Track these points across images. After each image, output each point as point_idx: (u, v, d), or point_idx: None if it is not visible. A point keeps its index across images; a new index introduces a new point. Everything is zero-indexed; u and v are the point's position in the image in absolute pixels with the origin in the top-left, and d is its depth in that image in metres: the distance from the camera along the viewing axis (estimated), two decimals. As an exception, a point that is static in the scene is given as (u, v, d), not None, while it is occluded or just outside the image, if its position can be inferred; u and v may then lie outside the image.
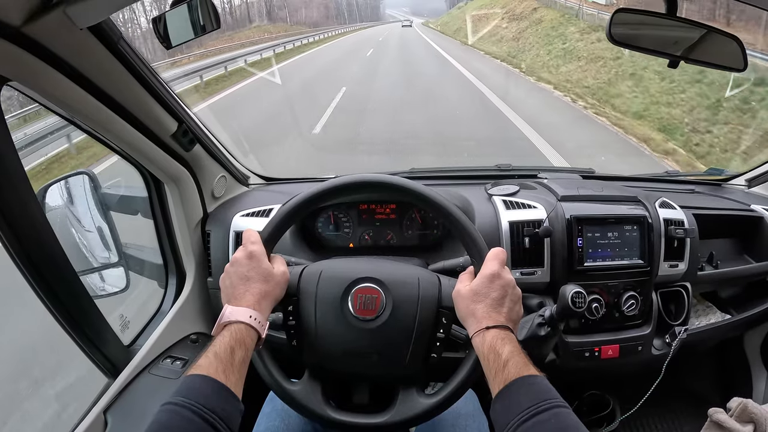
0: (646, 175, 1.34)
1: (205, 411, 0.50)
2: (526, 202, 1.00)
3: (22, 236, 0.65)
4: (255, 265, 0.65)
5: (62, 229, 1.00)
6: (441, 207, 0.71)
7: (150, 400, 0.85)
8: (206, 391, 0.52)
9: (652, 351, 1.03)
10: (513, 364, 0.57)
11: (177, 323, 1.00)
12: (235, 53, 12.89)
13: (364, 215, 1.09)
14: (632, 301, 0.98)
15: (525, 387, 0.55)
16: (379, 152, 5.05)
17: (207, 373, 0.54)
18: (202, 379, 0.53)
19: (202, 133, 0.96)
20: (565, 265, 0.95)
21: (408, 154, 4.85)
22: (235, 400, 0.55)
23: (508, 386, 0.56)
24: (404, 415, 0.70)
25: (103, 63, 0.68)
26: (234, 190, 1.16)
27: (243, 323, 0.60)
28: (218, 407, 0.51)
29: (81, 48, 0.64)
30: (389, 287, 0.70)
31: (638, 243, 0.98)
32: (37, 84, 0.62)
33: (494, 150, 5.19)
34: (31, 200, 0.66)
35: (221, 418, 0.51)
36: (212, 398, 0.52)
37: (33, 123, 3.99)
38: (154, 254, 1.04)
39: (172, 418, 0.50)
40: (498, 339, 0.60)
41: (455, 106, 7.34)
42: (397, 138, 5.53)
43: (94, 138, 0.81)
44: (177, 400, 0.51)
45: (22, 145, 3.73)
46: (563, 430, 0.51)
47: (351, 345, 0.69)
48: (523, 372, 0.56)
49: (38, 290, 0.70)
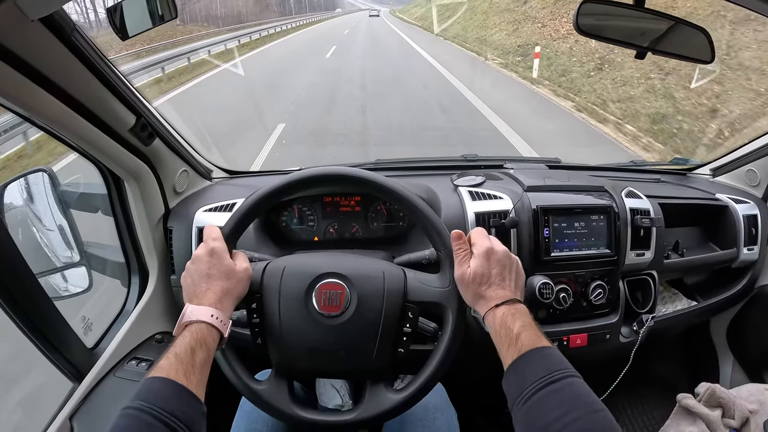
0: (612, 164, 1.35)
1: (165, 414, 0.49)
2: (492, 193, 1.00)
3: None
4: (216, 262, 0.64)
5: (22, 229, 0.97)
6: (404, 199, 0.70)
7: (116, 404, 0.82)
8: (166, 393, 0.51)
9: (620, 339, 1.05)
10: (525, 336, 0.58)
11: (141, 323, 0.97)
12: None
13: (329, 208, 1.08)
14: (599, 290, 0.99)
15: (538, 358, 0.56)
16: (345, 143, 4.89)
17: (167, 375, 0.52)
18: (161, 382, 0.52)
19: (161, 126, 0.94)
20: (532, 256, 0.96)
21: (375, 145, 4.75)
22: (197, 402, 0.53)
23: (521, 357, 0.56)
24: (373, 411, 0.69)
25: (56, 56, 0.65)
26: (196, 185, 1.14)
27: (204, 323, 0.59)
28: (178, 410, 0.50)
29: (33, 41, 0.61)
30: (354, 282, 0.69)
31: (605, 233, 0.99)
32: None
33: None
34: None
35: (182, 421, 0.49)
36: (172, 401, 0.50)
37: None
38: (117, 252, 1.01)
39: (132, 423, 0.48)
40: (509, 314, 0.61)
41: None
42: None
43: (50, 134, 0.78)
44: (136, 404, 0.49)
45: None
46: (577, 398, 0.51)
47: (317, 342, 0.68)
48: (536, 344, 0.57)
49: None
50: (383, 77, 9.23)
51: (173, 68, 10.26)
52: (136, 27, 0.77)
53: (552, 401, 0.51)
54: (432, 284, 0.71)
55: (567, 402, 0.51)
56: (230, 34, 16.98)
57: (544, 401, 0.52)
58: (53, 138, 0.80)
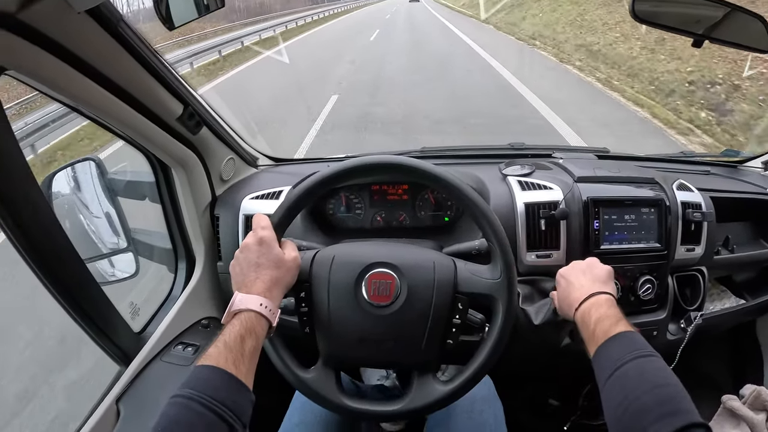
0: (661, 155, 1.31)
1: (214, 403, 0.49)
2: (542, 183, 0.97)
3: (26, 227, 0.63)
4: (265, 251, 0.64)
5: (70, 217, 0.99)
6: (455, 188, 0.69)
7: (162, 387, 0.84)
8: (215, 382, 0.51)
9: (667, 336, 1.02)
10: (599, 328, 0.60)
11: (188, 308, 0.99)
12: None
13: (376, 196, 1.07)
14: (648, 285, 0.96)
15: (610, 346, 0.58)
16: (390, 132, 4.88)
17: (216, 363, 0.52)
18: (210, 370, 0.52)
19: (208, 115, 0.94)
20: (582, 248, 0.94)
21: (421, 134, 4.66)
22: (246, 390, 0.53)
23: (597, 351, 0.59)
24: (420, 402, 0.69)
25: (103, 47, 0.65)
26: (243, 173, 1.14)
27: (253, 311, 0.59)
28: (228, 399, 0.50)
29: (79, 32, 0.61)
30: (404, 272, 0.68)
31: (655, 226, 0.96)
32: (36, 72, 0.59)
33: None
34: (34, 190, 0.64)
35: (231, 410, 0.50)
36: (221, 390, 0.51)
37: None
38: (163, 239, 1.02)
39: (181, 411, 0.48)
40: (586, 312, 0.65)
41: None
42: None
43: (98, 124, 0.79)
44: (185, 393, 0.49)
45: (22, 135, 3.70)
46: (660, 370, 0.54)
47: (365, 332, 0.68)
48: (609, 332, 0.59)
49: (45, 281, 0.69)
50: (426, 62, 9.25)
51: (226, 51, 10.72)
52: (183, 17, 0.77)
53: (615, 387, 0.53)
54: (483, 275, 0.70)
55: (629, 385, 0.52)
56: (275, 21, 17.38)
57: (610, 388, 0.54)
58: (102, 128, 0.81)
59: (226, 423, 0.49)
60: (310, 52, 11.81)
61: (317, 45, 13.28)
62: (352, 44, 12.51)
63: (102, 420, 0.77)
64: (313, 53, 11.41)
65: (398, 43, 12.58)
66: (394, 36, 14.30)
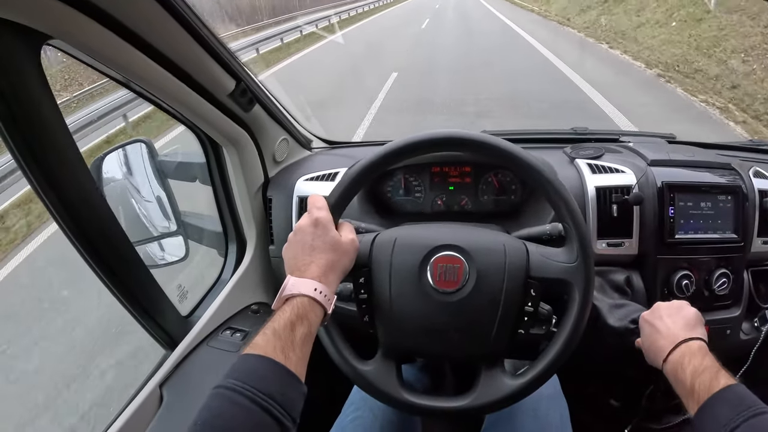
0: (731, 142, 1.23)
1: (261, 396, 0.44)
2: (614, 166, 0.92)
3: (74, 208, 0.62)
4: (321, 233, 0.60)
5: (121, 199, 0.99)
6: (527, 164, 0.64)
7: (207, 373, 0.82)
8: (262, 372, 0.47)
9: (740, 335, 0.95)
10: (699, 383, 0.55)
11: (237, 293, 0.97)
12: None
13: (437, 179, 1.02)
14: (724, 279, 0.89)
15: (716, 405, 0.52)
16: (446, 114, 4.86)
17: (264, 352, 0.48)
18: (258, 359, 0.48)
19: (261, 92, 0.92)
20: (656, 237, 0.88)
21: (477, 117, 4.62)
22: (296, 381, 0.49)
23: (700, 409, 0.53)
24: (489, 398, 0.64)
25: (152, 16, 0.63)
26: (296, 154, 1.12)
27: (306, 296, 0.54)
28: (276, 392, 0.46)
29: (130, 3, 0.59)
30: (472, 255, 0.64)
31: (731, 215, 0.89)
32: (82, 41, 0.57)
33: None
34: (82, 169, 0.63)
35: (279, 402, 0.45)
36: (268, 381, 0.46)
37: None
38: (213, 222, 1.01)
39: (223, 404, 0.44)
40: (678, 364, 0.60)
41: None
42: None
43: (146, 99, 0.77)
44: (229, 384, 0.45)
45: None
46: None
47: (430, 320, 0.64)
48: (712, 388, 0.53)
49: (92, 263, 0.68)
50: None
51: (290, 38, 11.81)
52: None
53: None
54: (557, 259, 0.65)
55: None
56: (325, 13, 18.00)
57: None
58: (150, 103, 0.79)
59: (274, 418, 0.44)
60: (367, 39, 12.70)
61: (372, 32, 14.20)
62: (404, 31, 13.16)
63: (144, 404, 0.75)
64: (369, 40, 12.32)
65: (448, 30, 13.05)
66: (444, 23, 14.79)
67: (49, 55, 2.82)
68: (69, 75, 5.76)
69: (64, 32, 0.54)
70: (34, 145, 0.57)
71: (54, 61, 3.98)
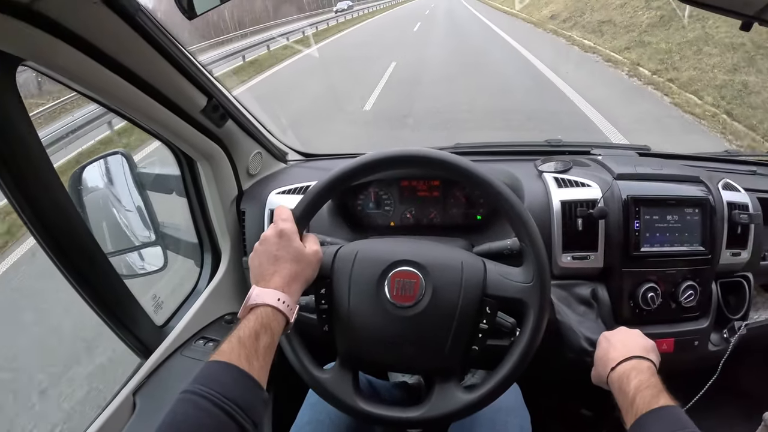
0: (705, 153, 1.24)
1: (224, 400, 0.47)
2: (580, 180, 0.93)
3: (47, 219, 0.64)
4: (285, 244, 0.62)
5: (103, 208, 1.00)
6: (486, 183, 0.65)
7: (180, 382, 0.82)
8: (226, 379, 0.49)
9: (709, 347, 0.96)
10: (640, 398, 0.56)
11: (212, 303, 0.99)
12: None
13: (406, 192, 1.04)
14: (691, 291, 0.90)
15: (653, 421, 0.54)
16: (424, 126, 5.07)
17: (228, 359, 0.50)
18: (222, 366, 0.50)
19: (234, 108, 0.93)
20: (621, 250, 0.89)
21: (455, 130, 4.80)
22: (258, 388, 0.51)
23: (637, 421, 0.55)
24: (441, 410, 0.65)
25: (121, 37, 0.65)
26: (271, 167, 1.13)
27: (270, 306, 0.57)
28: (239, 397, 0.48)
29: (96, 22, 0.60)
30: (429, 271, 0.65)
31: (699, 228, 0.90)
32: (53, 62, 0.59)
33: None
34: (55, 184, 0.65)
35: (241, 407, 0.48)
36: (232, 387, 0.49)
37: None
38: (190, 233, 1.03)
39: (189, 408, 0.47)
40: (625, 374, 0.62)
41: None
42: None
43: (121, 116, 0.79)
44: (195, 389, 0.48)
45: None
46: None
47: (386, 333, 0.65)
48: (651, 404, 0.55)
49: (65, 273, 0.70)
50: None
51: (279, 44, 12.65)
52: (204, 5, 0.76)
53: None
54: (514, 278, 0.66)
55: None
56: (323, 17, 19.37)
57: None
58: (125, 120, 0.81)
59: (236, 422, 0.47)
60: (365, 39, 14.47)
61: (369, 34, 16.26)
62: (399, 32, 14.88)
63: (117, 412, 0.77)
64: (367, 40, 14.03)
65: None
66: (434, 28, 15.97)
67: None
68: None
69: (37, 55, 0.57)
70: (9, 161, 0.59)
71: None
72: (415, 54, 9.80)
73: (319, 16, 18.51)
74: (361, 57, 10.25)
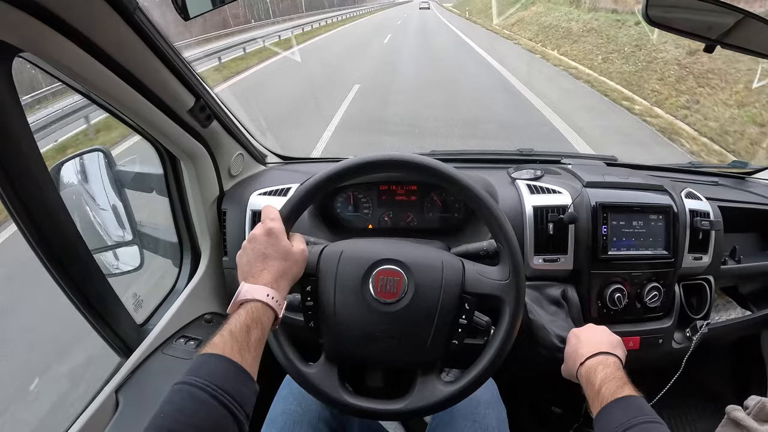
0: (669, 164, 1.31)
1: (219, 392, 0.48)
2: (551, 187, 0.97)
3: (35, 214, 0.64)
4: (274, 242, 0.63)
5: (76, 207, 0.99)
6: (465, 187, 0.68)
7: (162, 380, 0.84)
8: (221, 371, 0.50)
9: (672, 345, 1.01)
10: (606, 388, 0.60)
11: (191, 303, 0.99)
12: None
13: (384, 196, 1.07)
14: (655, 292, 0.95)
15: (617, 408, 0.58)
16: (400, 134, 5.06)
17: (222, 352, 0.51)
18: (216, 359, 0.51)
19: (219, 109, 0.94)
20: (589, 253, 0.93)
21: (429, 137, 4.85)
22: (251, 381, 0.53)
23: (602, 410, 0.58)
24: (423, 402, 0.68)
25: (118, 34, 0.66)
26: (251, 169, 1.15)
27: (260, 302, 0.58)
28: (233, 388, 0.49)
29: (95, 18, 0.61)
30: (412, 270, 0.68)
31: (663, 233, 0.96)
32: (50, 55, 0.59)
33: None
34: (45, 177, 0.65)
35: (236, 399, 0.49)
36: (227, 378, 0.50)
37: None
38: (169, 233, 1.02)
39: (185, 398, 0.47)
40: (592, 368, 0.65)
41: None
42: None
43: (109, 112, 0.79)
44: (190, 380, 0.48)
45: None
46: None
47: (370, 328, 0.67)
48: (616, 394, 0.59)
49: (51, 268, 0.69)
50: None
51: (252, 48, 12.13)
52: (198, 8, 0.77)
53: None
54: (491, 276, 0.69)
55: None
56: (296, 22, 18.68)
57: None
58: (113, 116, 0.81)
59: (230, 412, 0.48)
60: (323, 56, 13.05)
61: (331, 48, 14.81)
62: (366, 47, 13.78)
63: (100, 409, 0.77)
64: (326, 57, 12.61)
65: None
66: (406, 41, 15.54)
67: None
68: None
69: (35, 47, 0.57)
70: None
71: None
72: (384, 72, 9.08)
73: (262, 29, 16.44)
74: (316, 79, 8.72)
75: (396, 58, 11.01)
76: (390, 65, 9.87)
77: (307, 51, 13.17)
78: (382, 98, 6.84)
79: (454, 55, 11.63)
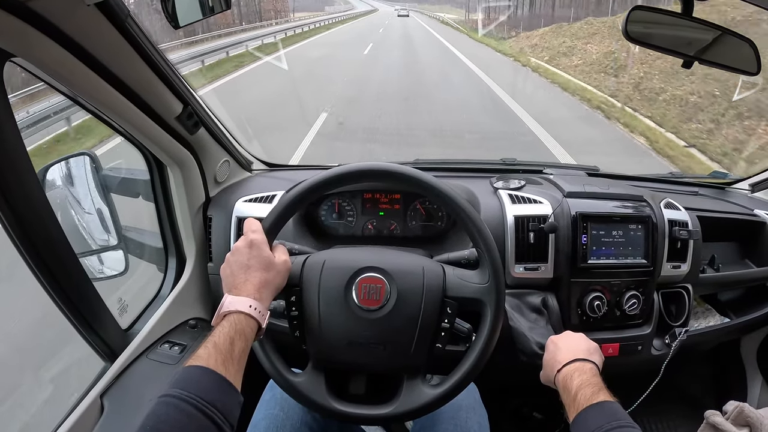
0: (650, 175, 1.33)
1: (205, 404, 0.49)
2: (532, 197, 0.99)
3: (22, 216, 0.64)
4: (255, 254, 0.64)
5: (62, 211, 0.99)
6: (448, 198, 0.70)
7: (147, 385, 0.84)
8: (205, 383, 0.51)
9: (651, 351, 1.03)
10: (582, 394, 0.62)
11: (176, 308, 0.99)
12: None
13: (368, 205, 1.08)
14: (634, 300, 0.97)
15: (593, 413, 0.59)
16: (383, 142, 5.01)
17: (206, 364, 0.52)
18: (201, 371, 0.52)
19: (206, 116, 0.95)
20: (569, 262, 0.95)
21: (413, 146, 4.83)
22: (235, 392, 0.53)
23: (578, 415, 0.60)
24: (409, 405, 0.69)
25: (109, 41, 0.67)
26: (237, 176, 1.16)
27: (243, 313, 0.59)
28: (218, 400, 0.50)
29: (87, 25, 0.62)
30: (394, 277, 0.69)
31: (642, 242, 0.97)
32: (42, 61, 0.60)
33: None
34: (32, 180, 0.65)
35: (220, 411, 0.50)
36: (212, 391, 0.51)
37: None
38: (155, 238, 1.03)
39: (170, 411, 0.48)
40: (569, 374, 0.67)
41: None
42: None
43: (98, 118, 0.80)
44: (175, 393, 0.49)
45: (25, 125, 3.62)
46: None
47: (355, 335, 0.69)
48: (592, 399, 0.60)
49: (36, 271, 0.69)
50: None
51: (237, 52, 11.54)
52: (188, 17, 0.78)
53: None
54: (471, 280, 0.71)
55: None
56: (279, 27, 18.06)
57: None
58: (101, 122, 0.82)
59: (215, 424, 0.49)
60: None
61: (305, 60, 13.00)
62: (344, 58, 12.78)
63: (85, 414, 0.77)
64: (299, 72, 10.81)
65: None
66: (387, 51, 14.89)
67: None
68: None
69: (28, 52, 0.58)
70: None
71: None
72: (363, 91, 7.80)
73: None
74: (281, 97, 7.27)
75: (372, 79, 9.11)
76: (369, 86, 8.32)
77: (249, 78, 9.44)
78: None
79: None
